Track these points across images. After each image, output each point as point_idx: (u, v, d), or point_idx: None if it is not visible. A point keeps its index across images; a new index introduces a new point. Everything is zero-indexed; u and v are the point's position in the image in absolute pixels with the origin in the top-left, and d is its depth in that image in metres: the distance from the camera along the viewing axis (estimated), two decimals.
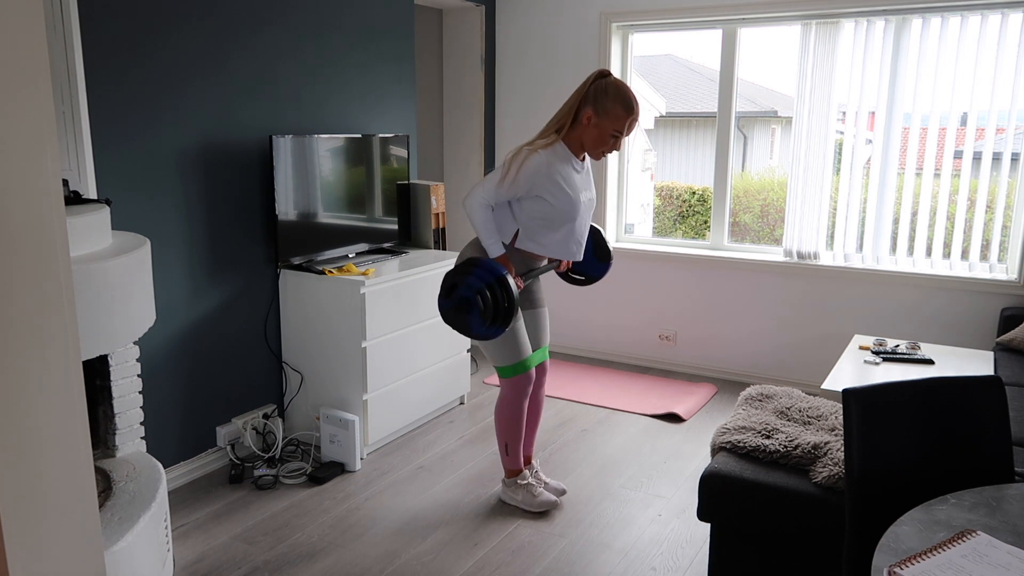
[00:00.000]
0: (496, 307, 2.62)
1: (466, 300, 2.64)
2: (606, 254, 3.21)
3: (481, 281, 2.62)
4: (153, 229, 3.00)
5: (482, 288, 2.62)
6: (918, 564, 1.34)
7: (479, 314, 2.63)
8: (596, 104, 2.68)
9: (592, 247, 3.19)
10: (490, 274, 2.63)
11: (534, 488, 3.02)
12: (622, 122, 2.70)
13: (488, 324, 2.65)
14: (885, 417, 1.71)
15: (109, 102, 2.78)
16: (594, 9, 4.67)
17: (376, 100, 4.01)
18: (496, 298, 2.62)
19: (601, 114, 2.68)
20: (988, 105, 3.87)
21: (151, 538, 2.31)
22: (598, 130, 2.71)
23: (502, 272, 2.63)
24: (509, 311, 2.63)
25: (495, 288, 2.62)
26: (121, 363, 2.63)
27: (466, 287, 2.64)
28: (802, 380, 4.42)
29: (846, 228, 4.28)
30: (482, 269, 2.64)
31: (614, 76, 2.74)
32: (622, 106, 2.68)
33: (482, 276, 2.63)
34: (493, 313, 2.63)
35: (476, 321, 2.65)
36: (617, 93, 2.68)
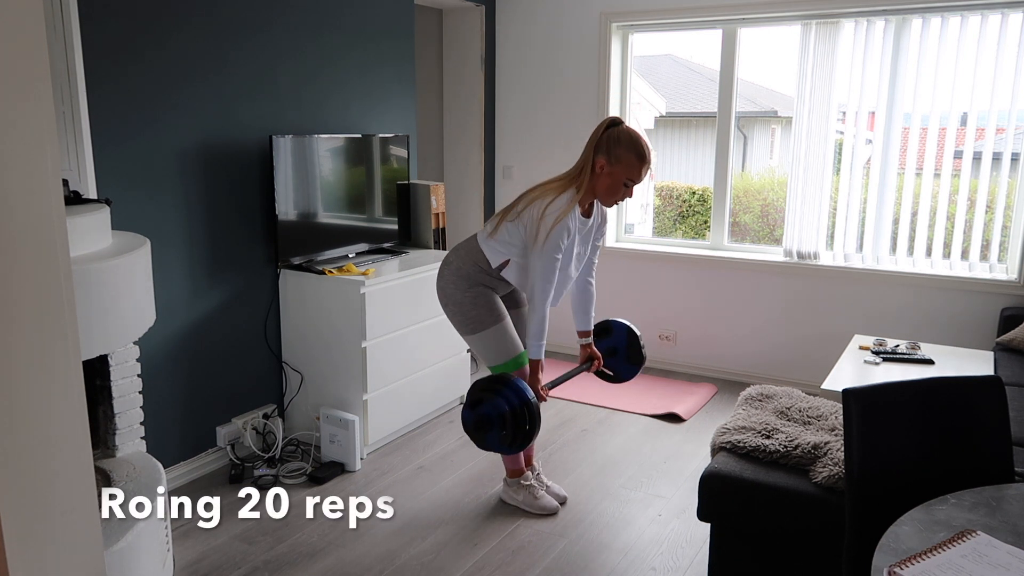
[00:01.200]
0: (516, 430, 2.59)
1: (488, 418, 2.62)
2: (639, 358, 3.20)
3: (506, 403, 2.58)
4: (153, 229, 2.99)
5: (506, 412, 2.58)
6: (918, 564, 1.34)
7: (498, 436, 2.62)
8: (609, 152, 2.66)
9: (626, 347, 3.19)
10: (517, 397, 2.58)
11: (536, 490, 3.02)
12: (635, 170, 2.67)
13: (507, 445, 2.63)
14: (885, 417, 1.71)
15: (109, 102, 2.78)
16: (594, 9, 4.67)
17: (376, 100, 4.01)
18: (519, 423, 2.58)
19: (614, 162, 2.66)
20: (988, 105, 3.87)
21: (151, 538, 2.31)
22: (611, 178, 2.68)
23: (528, 396, 2.58)
24: (530, 435, 2.60)
25: (520, 412, 2.58)
26: (121, 363, 2.63)
27: (491, 406, 2.61)
28: (802, 380, 4.41)
29: (846, 228, 4.28)
30: (510, 390, 2.60)
31: (625, 124, 2.71)
32: (635, 154, 2.65)
33: (509, 398, 2.59)
34: (512, 436, 2.60)
35: (495, 440, 2.64)
36: (630, 141, 2.65)
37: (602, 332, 3.21)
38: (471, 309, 2.79)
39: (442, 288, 2.87)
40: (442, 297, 2.88)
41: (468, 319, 2.81)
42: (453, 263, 2.85)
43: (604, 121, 2.71)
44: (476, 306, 2.79)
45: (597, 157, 2.68)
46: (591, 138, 2.71)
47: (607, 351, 3.19)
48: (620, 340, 3.21)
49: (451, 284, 2.83)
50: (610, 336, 3.22)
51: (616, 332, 3.23)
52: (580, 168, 2.72)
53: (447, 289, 2.85)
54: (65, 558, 1.12)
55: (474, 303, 2.79)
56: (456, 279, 2.82)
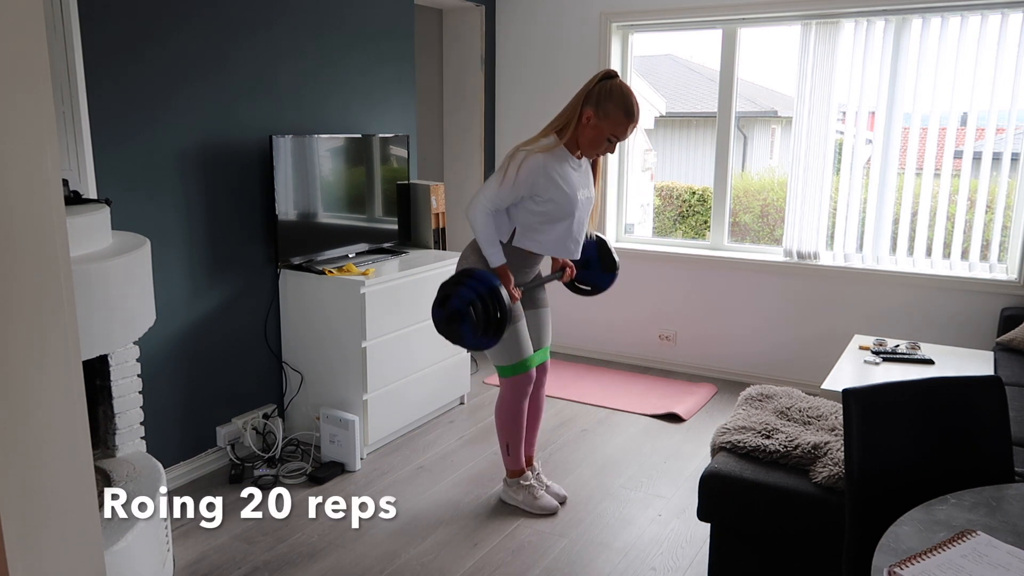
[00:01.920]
0: (488, 318, 2.61)
1: (458, 311, 2.64)
2: (612, 264, 3.18)
3: (473, 292, 2.61)
4: (153, 229, 2.99)
5: (474, 299, 2.61)
6: (918, 564, 1.34)
7: (471, 325, 2.63)
8: (598, 105, 2.66)
9: (598, 257, 3.17)
10: (483, 285, 2.62)
11: (535, 490, 3.02)
12: (621, 127, 2.68)
13: (480, 335, 2.64)
14: (885, 417, 1.71)
15: (109, 102, 2.78)
16: (594, 9, 4.67)
17: (376, 100, 4.01)
18: (488, 309, 2.60)
19: (601, 116, 2.66)
20: (988, 105, 3.87)
21: (151, 538, 2.31)
22: (596, 131, 2.69)
23: (495, 283, 2.62)
24: (501, 322, 2.62)
25: (487, 299, 2.60)
26: (121, 363, 2.63)
27: (458, 298, 2.63)
28: (802, 380, 4.41)
29: (846, 228, 4.28)
30: (475, 280, 2.63)
31: (620, 79, 2.70)
32: (623, 111, 2.65)
33: (474, 287, 2.62)
34: (484, 324, 2.62)
35: (468, 332, 2.65)
36: (621, 97, 2.65)
37: None
38: None
39: None
40: None
41: None
42: (460, 264, 2.87)
43: (599, 73, 2.70)
44: None
45: (586, 107, 2.67)
46: (583, 88, 2.70)
47: (580, 264, 3.16)
48: (591, 250, 3.16)
49: None
50: None
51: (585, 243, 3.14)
52: (566, 117, 2.72)
53: None
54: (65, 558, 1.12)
55: None
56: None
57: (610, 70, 2.73)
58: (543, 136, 2.76)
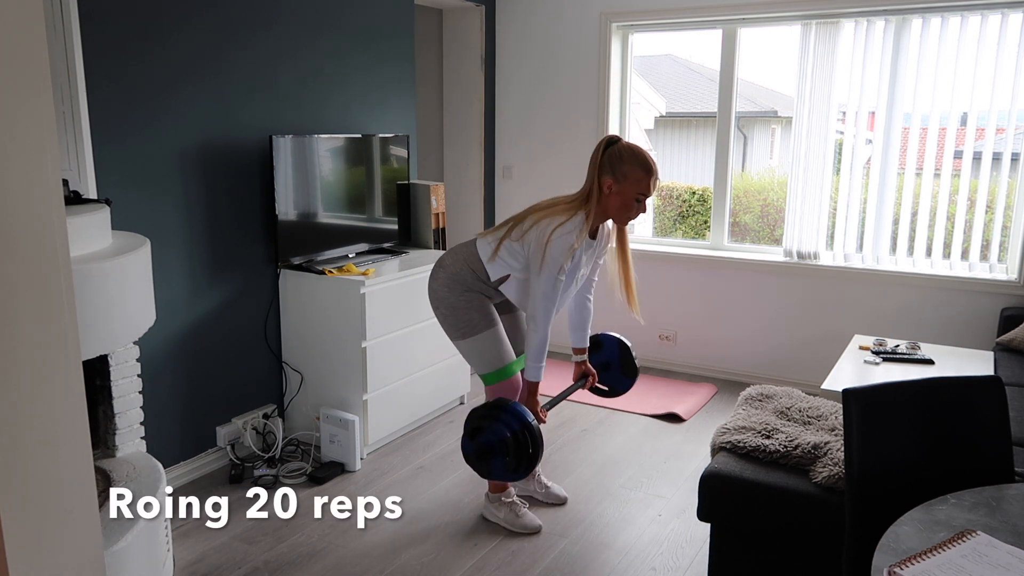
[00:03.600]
0: (519, 455, 2.54)
1: (490, 446, 2.57)
2: (633, 371, 3.19)
3: (507, 429, 2.53)
4: (153, 229, 2.99)
5: (507, 438, 2.53)
6: (918, 564, 1.34)
7: (502, 463, 2.56)
8: (614, 171, 2.59)
9: (619, 362, 3.18)
10: (516, 421, 2.52)
11: (518, 508, 2.93)
12: (644, 183, 2.61)
13: (511, 471, 2.58)
14: (885, 417, 1.71)
15: (109, 102, 2.78)
16: (594, 9, 4.67)
17: (376, 100, 4.01)
18: (520, 445, 2.53)
19: (621, 180, 2.59)
20: (988, 105, 3.87)
21: (151, 538, 2.31)
22: (621, 197, 2.62)
23: (528, 419, 2.53)
24: (534, 457, 2.55)
25: (520, 436, 2.52)
26: (121, 363, 2.63)
27: (491, 432, 2.55)
28: (802, 380, 4.41)
29: (846, 228, 4.28)
30: (509, 415, 2.54)
31: (623, 140, 2.65)
32: (641, 168, 2.59)
33: (508, 423, 2.53)
34: (516, 462, 2.55)
35: (499, 468, 2.58)
36: (633, 156, 2.59)
37: (593, 347, 3.19)
38: (463, 312, 2.74)
39: (434, 290, 2.81)
40: (433, 299, 2.82)
41: (460, 323, 2.76)
42: (449, 266, 2.80)
43: (602, 141, 2.65)
44: (469, 310, 2.74)
45: (603, 178, 2.61)
46: (592, 160, 2.64)
47: (600, 366, 3.18)
48: (612, 354, 3.20)
49: (444, 287, 2.78)
50: (601, 350, 3.21)
51: (607, 346, 3.21)
52: (587, 192, 2.65)
53: (440, 291, 2.79)
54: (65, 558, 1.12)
55: (467, 306, 2.74)
56: (450, 282, 2.77)
57: (611, 136, 2.67)
58: (569, 214, 2.64)
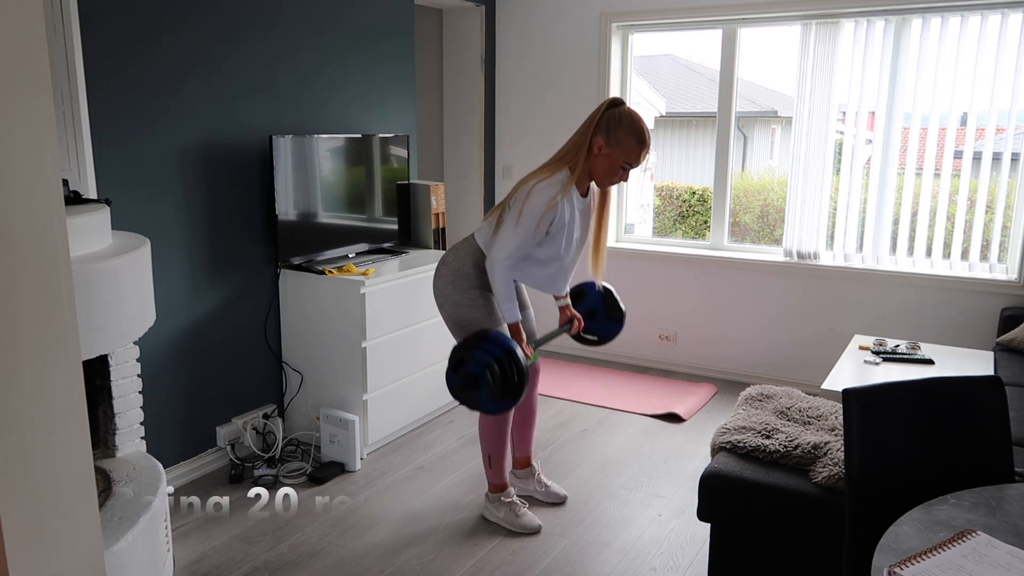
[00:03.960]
0: (505, 382, 2.53)
1: (473, 376, 2.56)
2: (619, 314, 3.16)
3: (489, 356, 2.53)
4: (153, 229, 2.99)
5: (490, 363, 2.53)
6: (918, 564, 1.34)
7: (488, 390, 2.55)
8: (608, 134, 2.59)
9: (604, 307, 3.16)
10: (499, 348, 2.53)
11: (518, 508, 2.92)
12: (634, 154, 2.61)
13: (498, 398, 2.57)
14: (885, 417, 1.71)
15: (109, 102, 2.78)
16: (594, 9, 4.67)
17: (376, 100, 4.01)
18: (505, 372, 2.53)
19: (613, 144, 2.59)
20: (988, 105, 3.87)
21: (151, 538, 2.31)
22: (608, 160, 2.62)
23: (511, 346, 2.54)
24: (519, 385, 2.55)
25: (504, 362, 2.52)
26: (121, 363, 2.63)
27: (474, 362, 2.55)
28: (802, 380, 4.41)
29: (846, 228, 4.28)
30: (490, 343, 2.55)
31: (627, 105, 2.64)
32: (635, 137, 2.59)
33: (490, 350, 2.54)
34: (503, 388, 2.54)
35: (485, 397, 2.58)
36: (631, 123, 2.59)
37: (576, 296, 3.15)
38: (468, 311, 2.75)
39: (439, 288, 2.82)
40: (438, 297, 2.83)
41: (464, 320, 2.76)
42: (452, 263, 2.81)
43: (605, 101, 2.64)
44: (473, 307, 2.75)
45: (596, 137, 2.61)
46: (590, 117, 2.63)
47: (587, 314, 3.15)
48: (596, 301, 3.15)
49: (449, 284, 2.79)
50: (585, 299, 3.17)
51: (590, 294, 3.16)
52: (575, 147, 2.65)
53: (444, 289, 2.80)
54: (65, 558, 1.12)
55: (472, 304, 2.75)
56: (454, 279, 2.78)
57: (616, 98, 2.67)
58: (553, 169, 2.66)
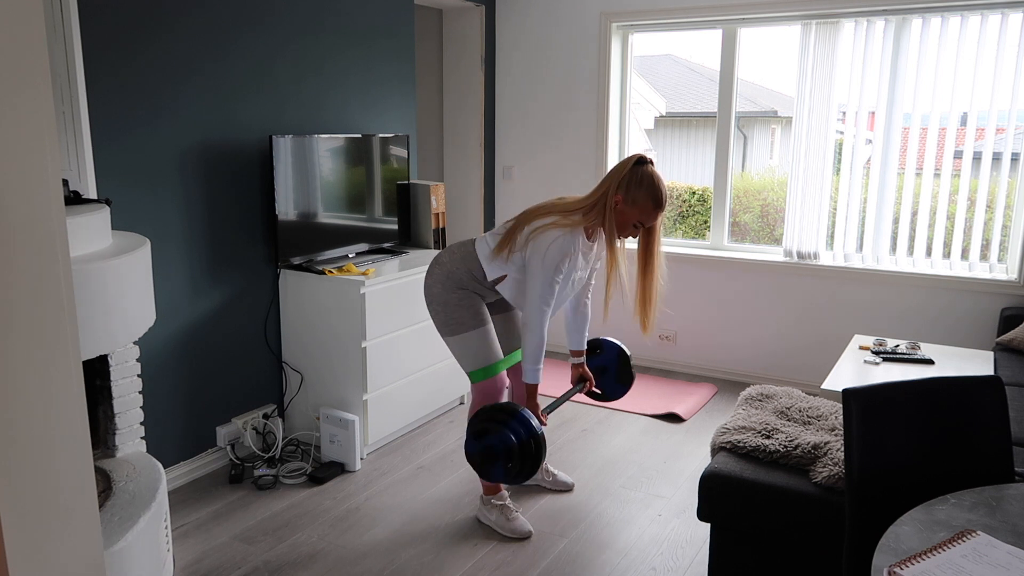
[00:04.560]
0: (523, 464, 2.56)
1: (494, 451, 2.58)
2: (628, 379, 3.25)
3: (514, 437, 2.54)
4: (153, 229, 3.00)
5: (514, 446, 2.54)
6: (918, 564, 1.34)
7: (503, 468, 2.58)
8: (627, 191, 2.61)
9: (616, 369, 3.22)
10: (525, 430, 2.55)
11: (509, 511, 2.91)
12: (649, 215, 2.64)
13: (512, 477, 2.59)
14: (885, 417, 1.71)
15: (109, 102, 2.78)
16: (594, 9, 4.67)
17: (376, 100, 4.01)
18: (526, 455, 2.55)
19: (630, 203, 2.62)
20: (988, 105, 3.87)
21: (151, 538, 2.31)
22: (622, 217, 2.65)
23: (537, 430, 2.55)
24: (536, 466, 2.57)
25: (529, 446, 2.54)
26: (121, 363, 2.63)
27: (498, 438, 2.57)
28: (802, 380, 4.42)
29: (846, 228, 4.28)
30: (518, 423, 2.56)
31: (652, 166, 2.65)
32: (652, 201, 2.62)
33: (517, 431, 2.55)
34: (520, 469, 2.57)
35: (500, 472, 2.60)
36: (651, 186, 2.61)
37: (592, 350, 3.23)
38: (455, 310, 2.78)
39: (429, 287, 2.85)
40: (428, 295, 2.86)
41: (450, 320, 2.79)
42: (445, 264, 2.83)
43: (632, 157, 2.65)
44: (460, 308, 2.78)
45: (617, 192, 2.63)
46: (615, 172, 2.65)
47: (597, 370, 3.21)
48: (610, 359, 3.23)
49: (438, 284, 2.81)
50: (600, 355, 3.25)
51: (606, 351, 3.25)
52: (596, 199, 2.66)
53: (434, 288, 2.83)
54: (65, 558, 1.12)
55: (459, 304, 2.78)
56: (445, 280, 2.80)
57: (642, 156, 2.67)
58: (566, 213, 2.68)
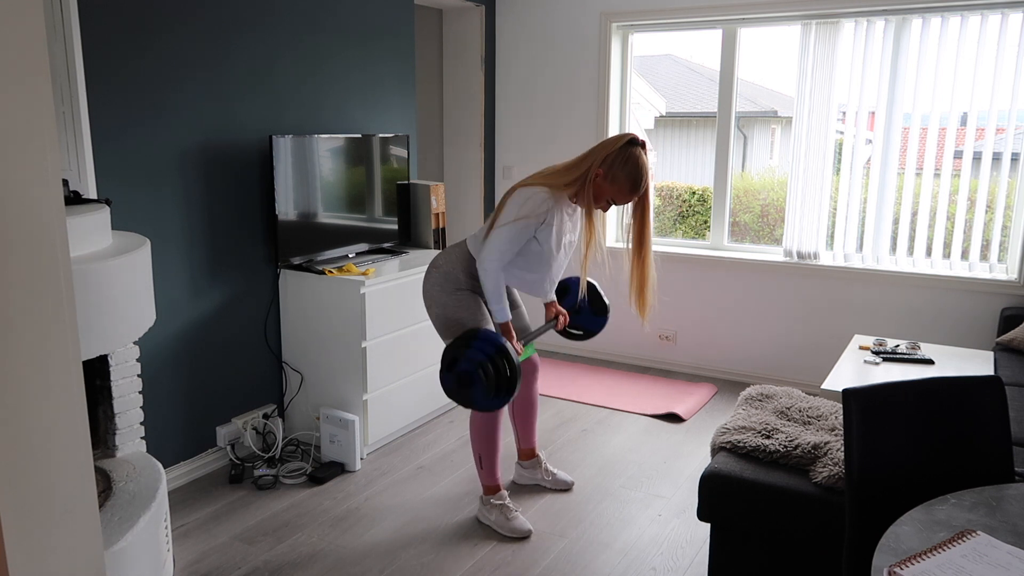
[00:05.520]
0: (499, 378, 2.57)
1: (468, 374, 2.58)
2: (603, 308, 3.22)
3: (482, 353, 2.56)
4: (153, 229, 3.00)
5: (483, 361, 2.56)
6: (918, 564, 1.34)
7: (482, 387, 2.58)
8: (610, 167, 2.62)
9: (589, 302, 3.21)
10: (491, 345, 2.57)
11: (509, 511, 2.92)
12: (623, 195, 2.66)
13: (492, 396, 2.60)
14: (885, 417, 1.71)
15: (109, 102, 2.78)
16: (594, 9, 4.67)
17: (376, 100, 4.01)
18: (498, 369, 2.56)
19: (609, 179, 2.63)
20: (988, 105, 3.87)
21: (151, 538, 2.31)
22: (598, 189, 2.67)
23: (502, 342, 2.57)
24: (512, 381, 2.58)
25: (497, 359, 2.56)
26: (121, 363, 2.63)
27: (467, 360, 2.58)
28: (802, 380, 4.42)
29: (846, 228, 4.28)
30: (482, 341, 2.58)
31: (641, 148, 2.65)
32: (631, 183, 2.63)
33: (483, 348, 2.57)
34: (496, 384, 2.58)
35: (479, 394, 2.60)
36: (634, 168, 2.62)
37: (561, 292, 3.21)
38: (455, 311, 2.78)
39: (427, 290, 2.86)
40: (427, 299, 2.87)
41: (449, 322, 2.79)
42: (442, 266, 2.84)
43: (626, 136, 2.66)
44: (460, 309, 2.78)
45: (600, 166, 2.64)
46: (604, 146, 2.66)
47: (571, 309, 3.20)
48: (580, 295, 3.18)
49: (437, 286, 2.82)
50: (569, 294, 3.22)
51: (574, 289, 3.21)
52: (579, 168, 2.68)
53: (432, 291, 2.84)
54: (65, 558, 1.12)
55: (458, 306, 2.78)
56: (443, 282, 2.81)
57: (635, 137, 2.67)
58: (549, 181, 2.70)
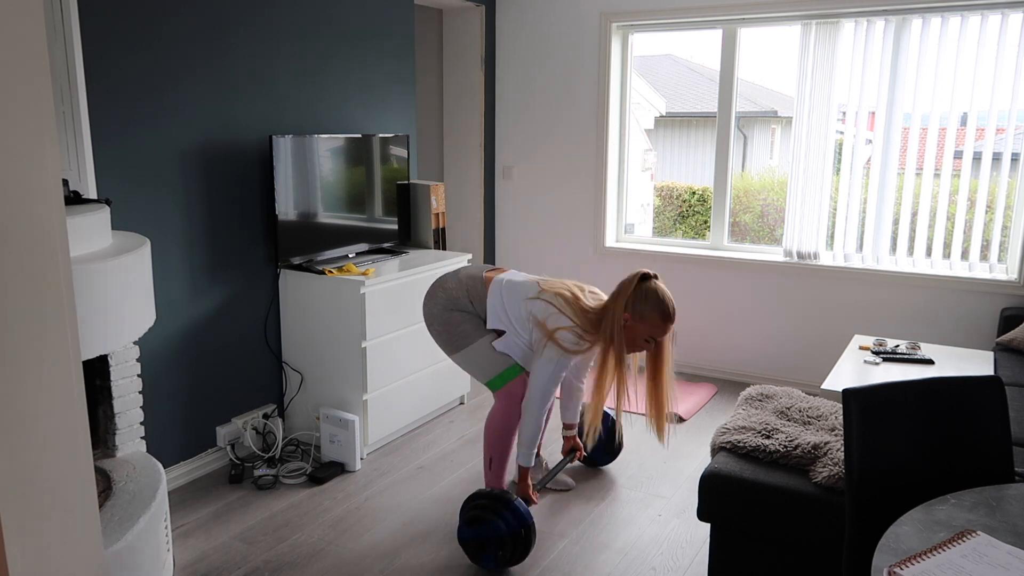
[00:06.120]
0: (513, 556, 2.58)
1: (487, 541, 2.58)
2: (615, 451, 3.36)
3: (508, 528, 2.55)
4: (153, 229, 3.00)
5: (507, 537, 2.55)
6: (918, 564, 1.34)
7: (494, 557, 2.58)
8: (635, 309, 2.63)
9: (606, 439, 3.29)
10: (518, 521, 2.55)
11: None
12: (659, 329, 2.65)
13: (503, 564, 2.60)
14: (885, 417, 1.71)
15: (109, 101, 2.78)
16: (594, 9, 4.67)
17: (376, 100, 4.01)
18: (518, 545, 2.56)
19: (638, 319, 2.64)
20: (988, 105, 3.87)
21: (151, 538, 2.31)
22: (632, 333, 2.66)
23: (530, 521, 2.56)
24: (525, 554, 2.58)
25: (521, 536, 2.55)
26: (121, 363, 2.63)
27: (491, 528, 2.56)
28: (802, 380, 4.42)
29: (846, 228, 4.28)
30: (513, 514, 2.56)
31: (655, 281, 2.67)
32: (660, 315, 2.63)
33: (510, 522, 2.55)
34: (510, 557, 2.58)
35: (490, 559, 2.60)
36: (657, 302, 2.62)
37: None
38: (456, 326, 2.81)
39: (429, 308, 2.88)
40: (427, 317, 2.89)
41: (453, 336, 2.81)
42: (451, 290, 2.85)
43: (636, 274, 2.66)
44: (463, 323, 2.81)
45: (625, 311, 2.64)
46: (621, 289, 2.66)
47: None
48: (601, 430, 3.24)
49: (439, 305, 2.85)
50: None
51: None
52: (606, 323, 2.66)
53: (434, 310, 2.86)
54: (65, 558, 1.12)
55: (461, 320, 2.82)
56: (447, 302, 2.84)
57: (646, 272, 2.68)
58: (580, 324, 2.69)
